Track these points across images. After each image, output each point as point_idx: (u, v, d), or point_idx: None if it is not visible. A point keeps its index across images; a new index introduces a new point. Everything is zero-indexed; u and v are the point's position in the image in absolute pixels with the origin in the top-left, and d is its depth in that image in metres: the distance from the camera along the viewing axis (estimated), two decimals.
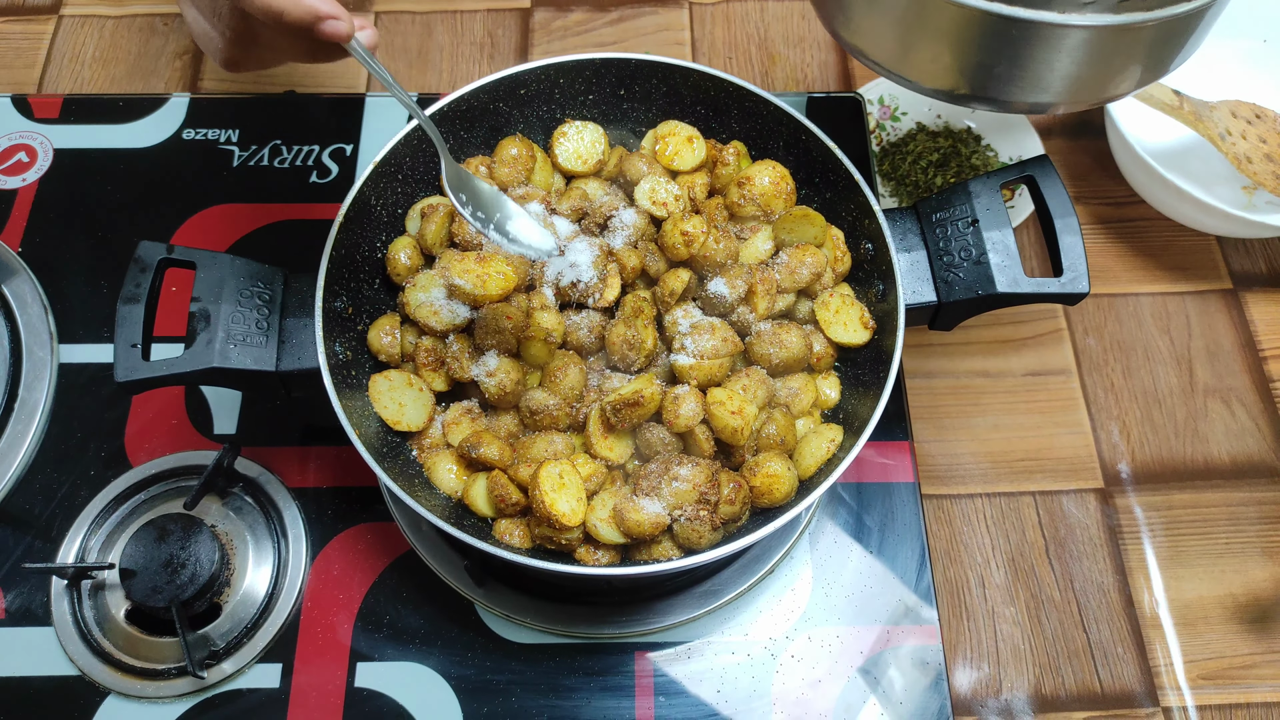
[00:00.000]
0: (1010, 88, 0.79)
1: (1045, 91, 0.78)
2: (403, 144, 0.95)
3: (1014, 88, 0.79)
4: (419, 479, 0.88)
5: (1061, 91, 0.78)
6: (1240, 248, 1.29)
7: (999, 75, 0.77)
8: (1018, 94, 0.79)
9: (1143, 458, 1.16)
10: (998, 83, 0.78)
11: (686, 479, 0.82)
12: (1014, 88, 0.79)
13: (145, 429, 1.05)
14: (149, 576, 0.92)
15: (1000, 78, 0.78)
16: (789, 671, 0.96)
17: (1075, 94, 0.79)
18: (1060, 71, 0.76)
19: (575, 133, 1.01)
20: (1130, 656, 1.06)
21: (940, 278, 0.89)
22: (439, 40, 1.44)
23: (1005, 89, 0.79)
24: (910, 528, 1.02)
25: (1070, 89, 0.78)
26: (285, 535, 1.00)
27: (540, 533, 0.84)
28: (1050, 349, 1.22)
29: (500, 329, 0.88)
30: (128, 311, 0.84)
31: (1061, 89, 0.78)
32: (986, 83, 0.79)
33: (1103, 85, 0.79)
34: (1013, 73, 0.77)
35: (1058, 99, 0.80)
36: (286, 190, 1.20)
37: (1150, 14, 0.71)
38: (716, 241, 0.91)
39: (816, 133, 0.93)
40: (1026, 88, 0.78)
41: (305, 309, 0.87)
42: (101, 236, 1.17)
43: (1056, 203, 0.88)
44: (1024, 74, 0.77)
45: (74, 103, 1.26)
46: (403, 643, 0.96)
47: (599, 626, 0.96)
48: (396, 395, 0.89)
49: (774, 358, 0.89)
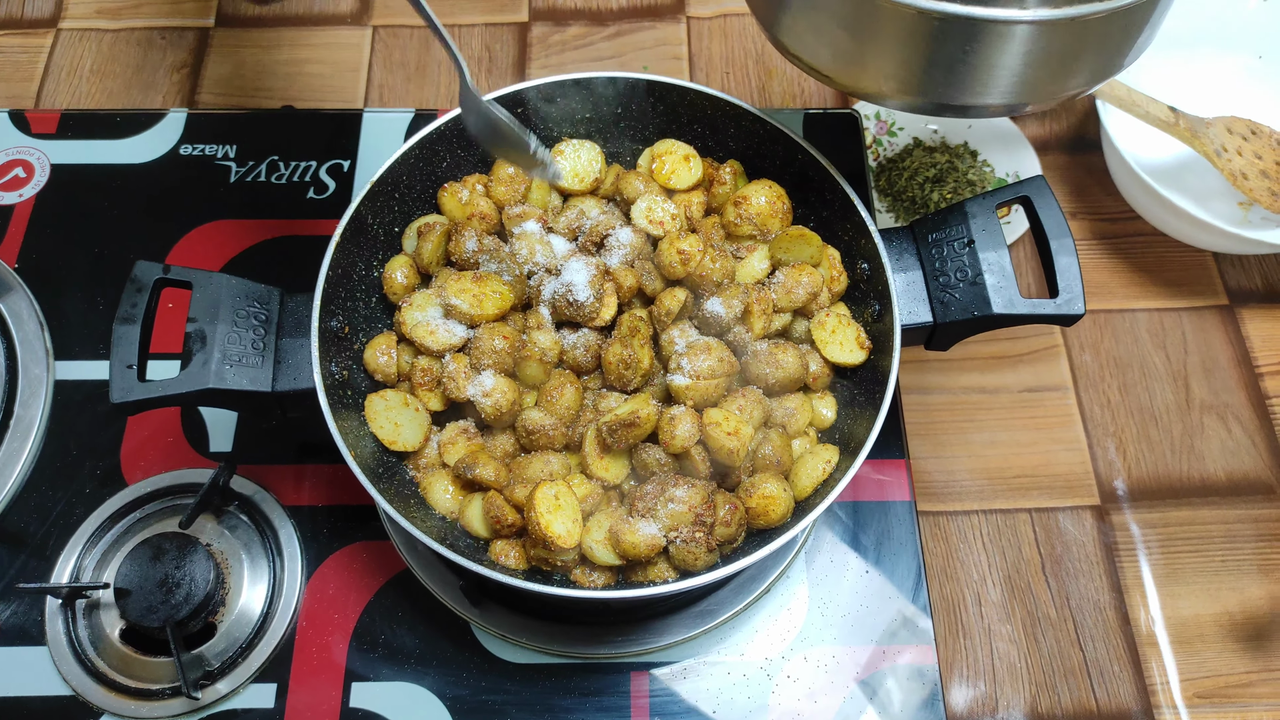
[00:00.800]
0: (958, 91, 0.77)
1: (995, 93, 0.77)
2: (399, 163, 0.95)
3: (963, 91, 0.77)
4: (415, 499, 0.88)
5: (1012, 92, 0.77)
6: (1236, 264, 1.29)
7: (947, 78, 0.76)
8: (967, 97, 0.78)
9: (1139, 474, 1.16)
10: (946, 86, 0.77)
11: (682, 500, 0.82)
12: (963, 91, 0.77)
13: (141, 447, 1.05)
14: (144, 596, 0.91)
15: (948, 81, 0.76)
16: (785, 691, 0.95)
17: (1026, 94, 0.78)
18: (1009, 71, 0.74)
19: (572, 151, 1.01)
20: (1126, 675, 1.06)
21: (936, 298, 0.89)
22: (437, 54, 1.44)
23: (954, 93, 0.78)
24: (906, 546, 1.02)
25: (1021, 89, 0.76)
26: (280, 554, 1.00)
27: (536, 554, 0.84)
28: (1046, 365, 1.23)
29: (496, 349, 0.88)
30: (124, 332, 0.84)
31: (1012, 89, 0.76)
32: (935, 87, 0.78)
33: (1055, 83, 0.77)
34: (960, 75, 0.75)
35: (1010, 100, 0.78)
36: (284, 206, 1.20)
37: (1095, 6, 0.70)
38: (713, 261, 0.91)
39: (813, 153, 0.94)
40: (976, 90, 0.77)
41: (301, 329, 0.87)
42: (98, 253, 1.17)
43: (1052, 224, 0.88)
44: (971, 75, 0.75)
45: (71, 118, 1.26)
46: (398, 662, 0.96)
47: (595, 646, 0.96)
48: (393, 415, 0.89)
49: (770, 377, 0.89)
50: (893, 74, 0.78)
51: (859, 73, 0.80)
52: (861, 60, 0.79)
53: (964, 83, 0.76)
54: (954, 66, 0.75)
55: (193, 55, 1.44)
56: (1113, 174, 1.31)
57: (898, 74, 0.78)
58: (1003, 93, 0.77)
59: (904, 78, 0.78)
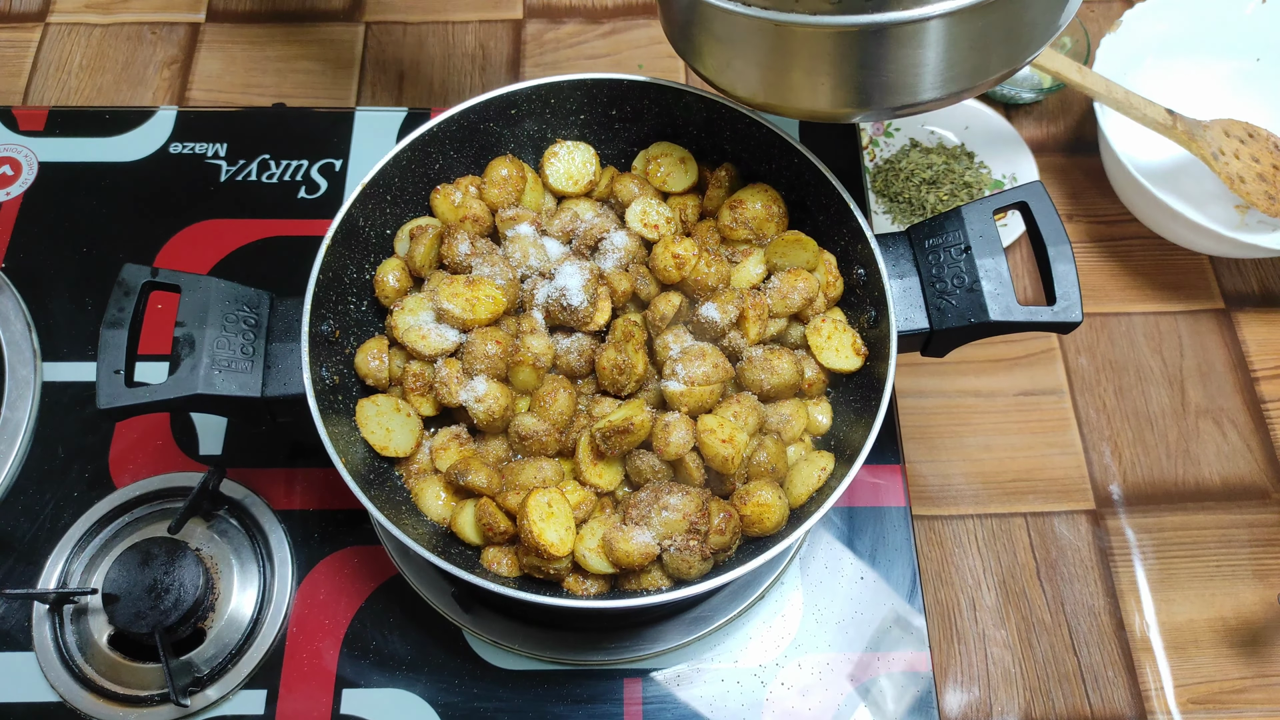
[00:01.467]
0: (892, 94, 0.77)
1: (921, 90, 0.77)
2: (392, 164, 0.94)
3: (896, 93, 0.77)
4: (406, 505, 0.87)
5: (943, 84, 0.76)
6: (1233, 267, 1.29)
7: (874, 86, 0.76)
8: (903, 97, 0.78)
9: (1134, 479, 1.16)
10: (877, 93, 0.77)
11: (676, 508, 0.81)
12: (896, 93, 0.77)
13: (130, 450, 1.04)
14: (132, 601, 0.90)
15: (876, 87, 0.76)
16: (779, 698, 0.95)
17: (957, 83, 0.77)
18: (933, 65, 0.74)
19: (566, 153, 1.00)
20: (1121, 680, 1.06)
21: (933, 304, 0.88)
22: (430, 52, 1.43)
23: (888, 97, 0.78)
24: (901, 552, 1.02)
25: (949, 79, 0.76)
26: (271, 559, 0.99)
27: (528, 562, 0.83)
28: (1042, 369, 1.22)
29: (489, 353, 0.87)
30: (110, 336, 0.82)
31: (941, 81, 0.76)
32: (866, 96, 0.78)
33: (981, 68, 0.77)
34: (886, 79, 0.75)
35: (945, 91, 0.78)
36: (275, 206, 1.19)
37: None
38: (708, 265, 0.90)
39: (809, 156, 0.93)
40: (902, 91, 0.77)
41: (292, 333, 0.86)
42: (87, 252, 1.15)
43: (1050, 230, 0.87)
44: (897, 78, 0.75)
45: (59, 115, 1.24)
46: (389, 669, 0.95)
47: (588, 653, 0.95)
48: (384, 420, 0.88)
49: (765, 383, 0.88)
50: (820, 94, 0.78)
51: (790, 98, 0.81)
52: (787, 85, 0.80)
53: (893, 85, 0.76)
54: (875, 73, 0.75)
55: (183, 51, 1.43)
56: (1110, 176, 1.30)
57: (824, 93, 0.78)
58: (935, 86, 0.77)
59: (833, 95, 0.78)
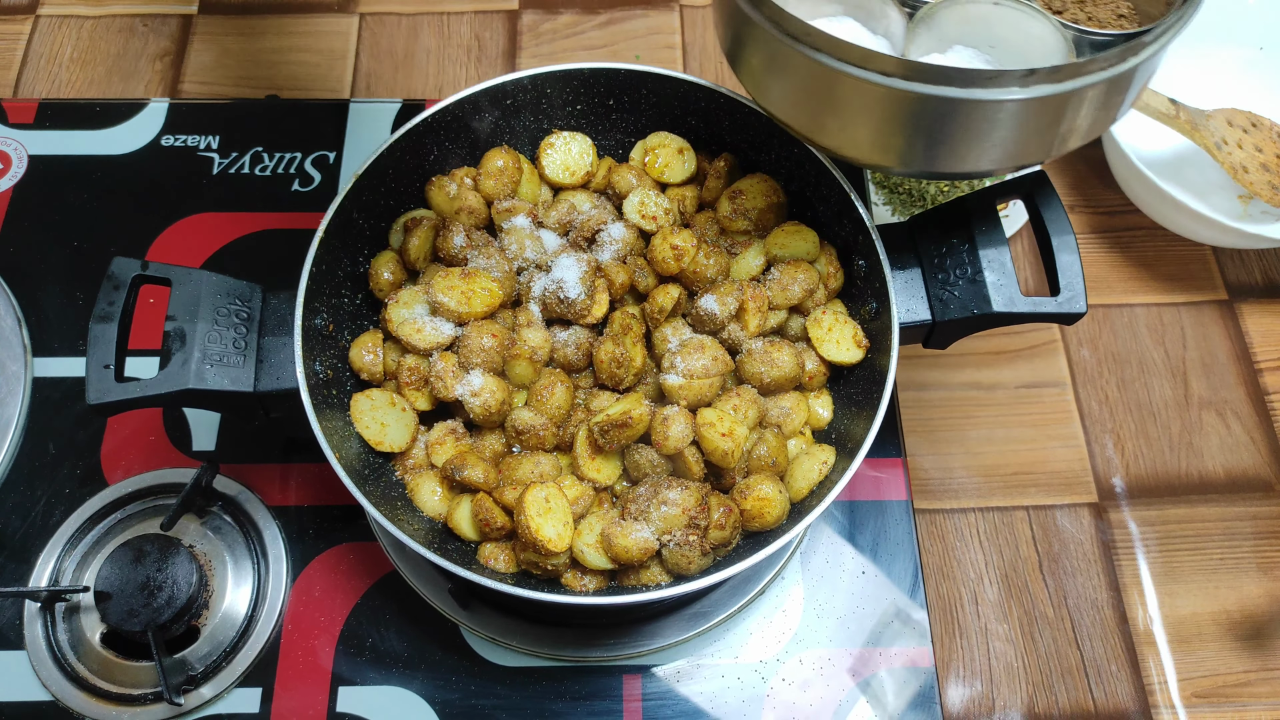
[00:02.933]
0: (948, 160, 0.76)
1: (982, 161, 0.76)
2: (386, 155, 0.92)
3: (951, 160, 0.76)
4: (402, 501, 0.86)
5: (1001, 159, 0.75)
6: (1236, 258, 1.28)
7: (937, 151, 0.75)
8: (955, 165, 0.77)
9: (1137, 471, 1.15)
10: (934, 158, 0.76)
11: (676, 503, 0.80)
12: (951, 160, 0.76)
13: (122, 446, 1.03)
14: (125, 599, 0.89)
15: (938, 153, 0.75)
16: (780, 694, 0.94)
17: (1012, 159, 0.76)
18: (993, 142, 0.73)
19: (563, 144, 0.98)
20: (1124, 674, 1.05)
21: (935, 296, 0.87)
22: (425, 43, 1.41)
23: (944, 162, 0.77)
24: (903, 546, 1.01)
25: (1006, 156, 0.75)
26: (265, 555, 0.98)
27: (526, 557, 0.82)
28: (1044, 361, 1.21)
29: (485, 347, 0.86)
30: (100, 331, 0.81)
31: (1000, 157, 0.75)
32: (926, 159, 0.76)
33: (1042, 148, 0.76)
34: (947, 147, 0.74)
35: (996, 166, 0.77)
36: (268, 198, 1.18)
37: (1061, 86, 0.68)
38: (707, 257, 0.89)
39: (810, 147, 0.91)
40: (964, 159, 0.76)
41: (284, 327, 0.85)
42: (77, 246, 1.14)
43: (1054, 221, 0.86)
44: (959, 147, 0.74)
45: (50, 108, 1.23)
46: (385, 666, 0.94)
47: (587, 649, 0.94)
48: (379, 415, 0.87)
49: (765, 376, 0.87)
50: (871, 144, 0.77)
51: (853, 145, 0.79)
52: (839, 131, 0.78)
53: (947, 155, 0.75)
54: (935, 140, 0.74)
55: (175, 43, 1.41)
56: (1112, 167, 1.29)
57: (877, 145, 0.77)
58: (991, 160, 0.76)
59: (884, 149, 0.77)
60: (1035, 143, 0.74)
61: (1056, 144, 0.75)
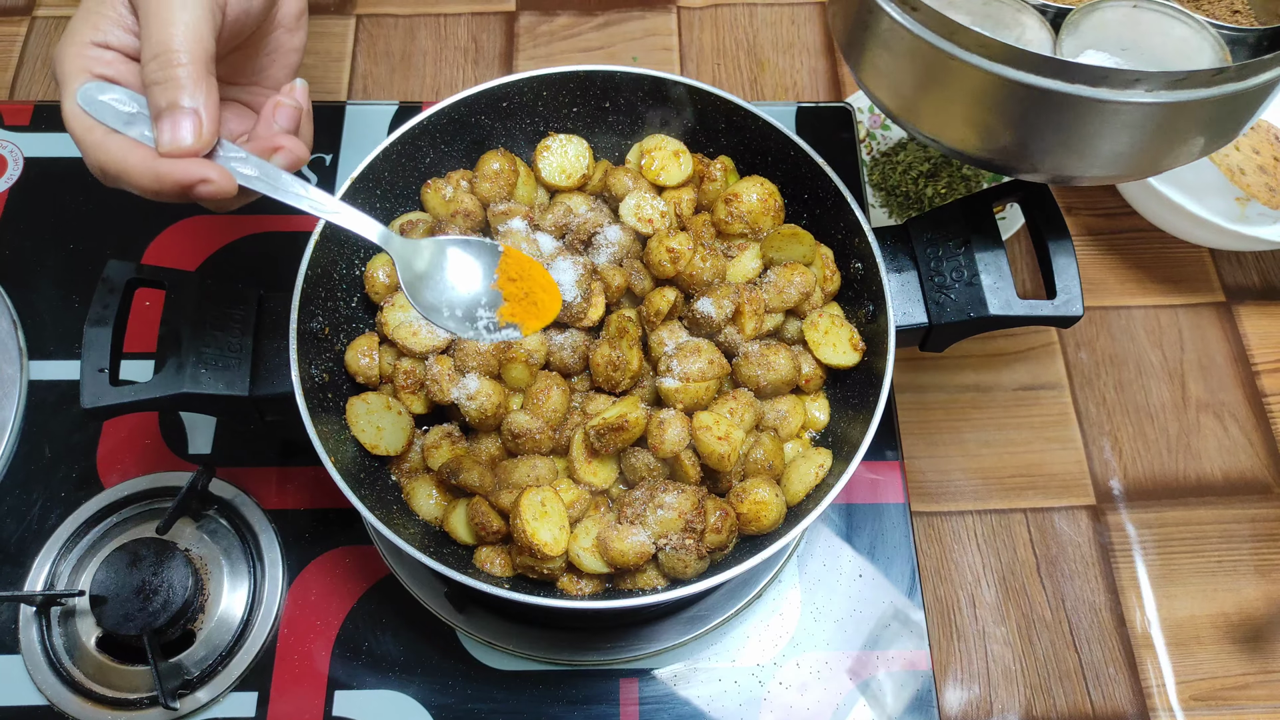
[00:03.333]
0: (1059, 160, 0.74)
1: (1093, 166, 0.74)
2: (381, 158, 0.92)
3: (1063, 160, 0.74)
4: (398, 505, 0.86)
5: (1111, 165, 0.74)
6: (1233, 260, 1.28)
7: (1044, 146, 0.73)
8: (1064, 169, 0.75)
9: (1135, 474, 1.15)
10: (1043, 155, 0.74)
11: (672, 506, 0.80)
12: (1063, 160, 0.74)
13: (118, 449, 1.03)
14: (120, 603, 0.89)
15: (1045, 150, 0.73)
16: (777, 698, 0.94)
17: (1126, 169, 0.75)
18: (1112, 146, 0.71)
19: (559, 146, 0.98)
20: (1122, 677, 1.05)
21: (931, 299, 0.87)
22: (422, 45, 1.41)
23: (1051, 162, 0.75)
24: (900, 549, 1.01)
25: (1122, 165, 0.74)
26: (261, 559, 0.97)
27: (522, 561, 0.82)
28: (1042, 363, 1.21)
29: (481, 350, 0.86)
30: (95, 334, 0.81)
31: (1110, 164, 0.74)
32: (1029, 154, 0.74)
33: (1160, 159, 0.75)
34: (1060, 145, 0.72)
35: (1108, 173, 0.76)
36: (264, 201, 1.17)
37: (1211, 90, 0.67)
38: (703, 259, 0.88)
39: (806, 149, 0.91)
40: (1078, 162, 0.74)
41: (279, 330, 0.85)
42: (73, 249, 1.14)
43: (1050, 223, 0.86)
44: (1075, 148, 0.72)
45: (46, 110, 1.22)
46: (382, 670, 0.94)
47: (583, 653, 0.94)
48: (375, 418, 0.87)
49: (762, 379, 0.87)
50: (981, 132, 0.75)
51: (955, 135, 0.77)
52: (960, 123, 0.76)
53: (1068, 154, 0.74)
54: (1058, 138, 0.72)
55: None
56: None
57: (1000, 140, 0.74)
58: (1102, 166, 0.74)
59: (1007, 145, 0.75)
60: (1154, 153, 0.72)
61: (1171, 157, 0.74)
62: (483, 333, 0.71)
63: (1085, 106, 0.67)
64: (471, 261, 0.73)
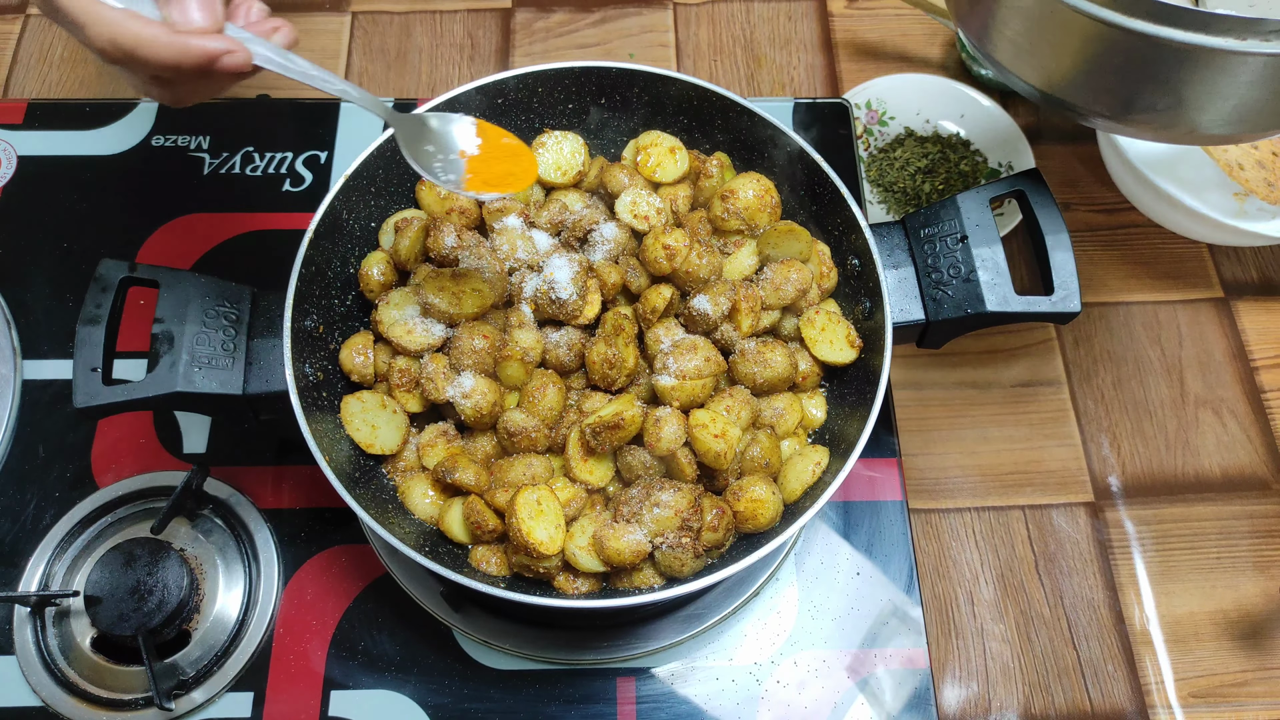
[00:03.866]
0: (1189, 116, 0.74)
1: (1215, 122, 0.74)
2: (376, 155, 0.92)
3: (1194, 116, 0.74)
4: (393, 504, 0.86)
5: (1233, 122, 0.74)
6: (1232, 255, 1.27)
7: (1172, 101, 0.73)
8: (1182, 124, 0.75)
9: (1133, 470, 1.15)
10: (1168, 110, 0.74)
11: (668, 504, 0.80)
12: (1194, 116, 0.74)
13: (112, 449, 1.02)
14: (115, 604, 0.89)
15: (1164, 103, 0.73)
16: (775, 696, 0.94)
17: (1250, 125, 0.75)
18: (1247, 99, 0.71)
19: (555, 143, 0.98)
20: (1121, 674, 1.05)
21: (929, 295, 0.87)
22: (418, 41, 1.41)
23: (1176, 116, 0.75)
24: (898, 547, 1.00)
25: (1244, 120, 0.74)
26: (256, 559, 0.97)
27: (518, 560, 0.81)
28: (1040, 360, 1.21)
29: (476, 348, 0.86)
30: (87, 333, 0.81)
31: (1235, 118, 0.74)
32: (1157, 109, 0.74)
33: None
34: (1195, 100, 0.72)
35: (1230, 130, 0.75)
36: (259, 199, 1.17)
37: None
38: (699, 256, 0.88)
39: (802, 145, 0.91)
40: (1191, 118, 0.74)
41: (274, 329, 0.84)
42: (67, 248, 1.13)
43: (1047, 219, 0.86)
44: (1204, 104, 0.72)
45: (39, 108, 1.22)
46: (378, 670, 0.93)
47: (580, 652, 0.94)
48: (369, 417, 0.86)
49: (758, 377, 0.87)
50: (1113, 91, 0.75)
51: (1076, 89, 0.77)
52: (1079, 75, 0.76)
53: (1182, 109, 0.73)
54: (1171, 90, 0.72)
55: None
56: (1107, 164, 1.28)
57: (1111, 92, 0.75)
58: (1222, 122, 0.74)
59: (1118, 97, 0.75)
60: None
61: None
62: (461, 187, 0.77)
63: (1225, 60, 0.67)
64: (455, 131, 0.80)
